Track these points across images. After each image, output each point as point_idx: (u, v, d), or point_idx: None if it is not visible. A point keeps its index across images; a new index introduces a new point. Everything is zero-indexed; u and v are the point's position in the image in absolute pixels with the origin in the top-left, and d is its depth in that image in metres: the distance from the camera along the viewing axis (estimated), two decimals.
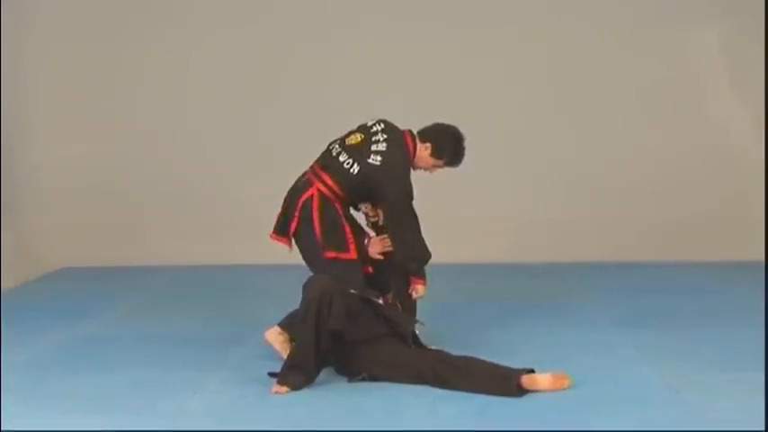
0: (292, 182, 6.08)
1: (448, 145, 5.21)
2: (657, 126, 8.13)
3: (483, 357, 4.73)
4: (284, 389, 4.60)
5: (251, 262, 7.82)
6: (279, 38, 8.16)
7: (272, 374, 4.74)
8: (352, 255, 5.07)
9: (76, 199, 8.39)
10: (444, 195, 8.10)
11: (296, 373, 4.65)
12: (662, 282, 7.26)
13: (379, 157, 5.06)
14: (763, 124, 7.92)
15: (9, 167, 7.91)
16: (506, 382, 4.47)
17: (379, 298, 4.98)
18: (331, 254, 5.07)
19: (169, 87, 8.29)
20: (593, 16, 8.05)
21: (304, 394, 4.58)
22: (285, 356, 4.84)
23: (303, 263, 5.35)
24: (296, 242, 5.25)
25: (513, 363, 4.66)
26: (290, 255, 6.07)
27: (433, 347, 4.89)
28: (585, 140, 8.12)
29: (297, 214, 5.14)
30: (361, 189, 5.12)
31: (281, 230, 5.24)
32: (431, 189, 7.99)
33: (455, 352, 4.86)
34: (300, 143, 5.65)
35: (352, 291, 4.85)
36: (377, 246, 5.15)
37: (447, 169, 5.38)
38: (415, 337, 4.88)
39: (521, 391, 4.45)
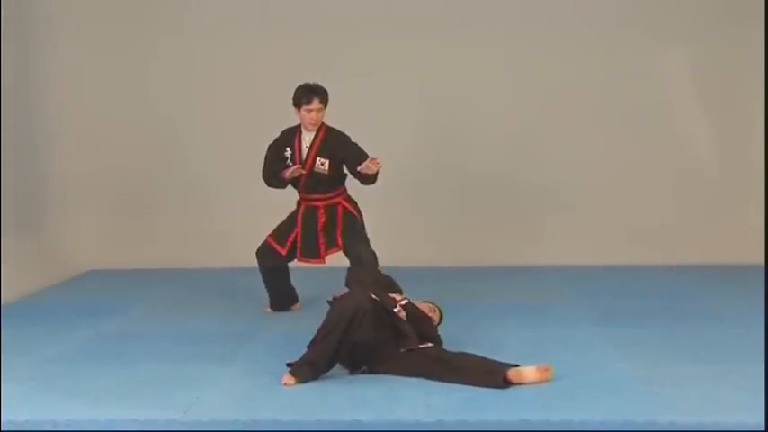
0: None
1: (294, 95, 6.14)
2: (635, 140, 8.19)
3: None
4: (293, 380, 4.66)
5: None
6: (283, 51, 8.15)
7: (289, 364, 4.77)
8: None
9: (102, 207, 8.42)
10: (435, 200, 8.21)
11: (308, 369, 4.70)
12: (637, 284, 7.25)
13: None
14: (758, 141, 8.05)
15: (40, 180, 7.97)
16: (494, 376, 4.54)
17: (396, 307, 4.99)
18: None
19: (187, 102, 8.30)
20: (572, 41, 8.14)
21: (309, 385, 4.63)
22: None
23: (306, 266, 6.39)
24: None
25: (500, 358, 4.73)
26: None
27: (429, 344, 4.93)
28: (565, 153, 8.20)
29: None
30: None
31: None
32: (425, 195, 8.15)
33: (447, 349, 4.95)
34: None
35: (373, 296, 4.87)
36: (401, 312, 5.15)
37: (442, 177, 5.36)
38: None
39: (507, 384, 4.53)
